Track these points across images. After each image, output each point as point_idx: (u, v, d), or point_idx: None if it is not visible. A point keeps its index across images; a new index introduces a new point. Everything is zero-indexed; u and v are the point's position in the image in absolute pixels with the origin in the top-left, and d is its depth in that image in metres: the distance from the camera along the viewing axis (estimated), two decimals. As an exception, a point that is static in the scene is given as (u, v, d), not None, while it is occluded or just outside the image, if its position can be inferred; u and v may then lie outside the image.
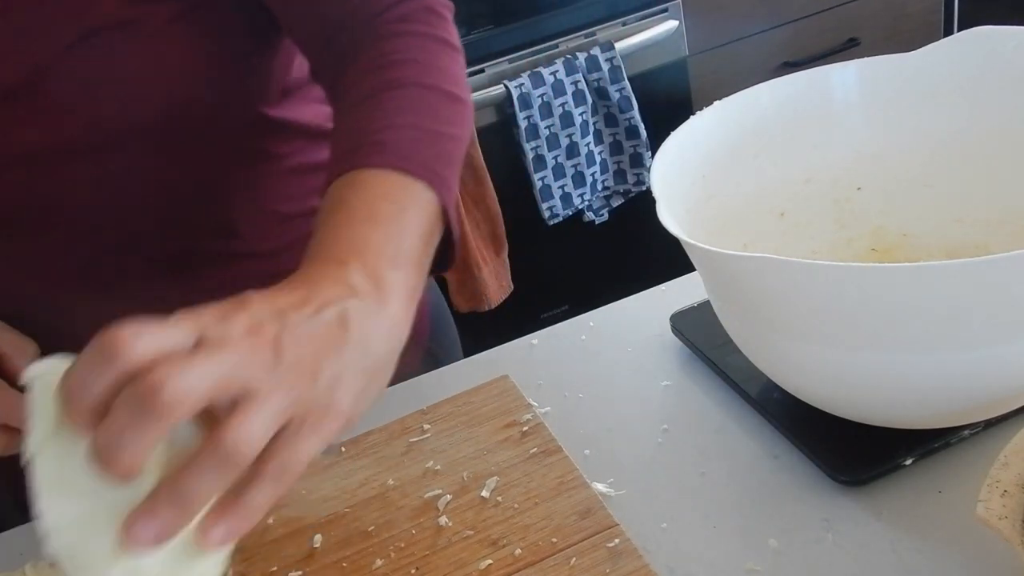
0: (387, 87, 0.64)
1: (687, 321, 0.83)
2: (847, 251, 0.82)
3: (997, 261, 0.53)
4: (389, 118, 0.62)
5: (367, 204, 0.57)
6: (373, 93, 0.64)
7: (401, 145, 0.60)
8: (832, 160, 0.81)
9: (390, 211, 0.57)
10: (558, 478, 0.70)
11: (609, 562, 0.63)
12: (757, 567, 0.62)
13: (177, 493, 0.42)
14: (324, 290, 0.49)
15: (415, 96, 0.64)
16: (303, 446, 0.45)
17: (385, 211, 0.56)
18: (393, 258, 0.54)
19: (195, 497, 0.42)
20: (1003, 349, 0.59)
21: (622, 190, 1.95)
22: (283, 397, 0.44)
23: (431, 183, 0.59)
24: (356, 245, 0.54)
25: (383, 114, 0.63)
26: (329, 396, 0.47)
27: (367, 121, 0.63)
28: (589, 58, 1.80)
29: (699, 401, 0.78)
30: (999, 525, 0.52)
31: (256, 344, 0.44)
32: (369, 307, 0.51)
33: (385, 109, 0.63)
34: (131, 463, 0.41)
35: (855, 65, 0.80)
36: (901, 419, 0.66)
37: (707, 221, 0.74)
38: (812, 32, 2.08)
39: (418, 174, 0.59)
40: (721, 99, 0.78)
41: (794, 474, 0.69)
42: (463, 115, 0.67)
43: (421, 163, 0.60)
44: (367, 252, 0.53)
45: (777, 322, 0.64)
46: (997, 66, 0.75)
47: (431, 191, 0.59)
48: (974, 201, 0.79)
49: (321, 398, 0.46)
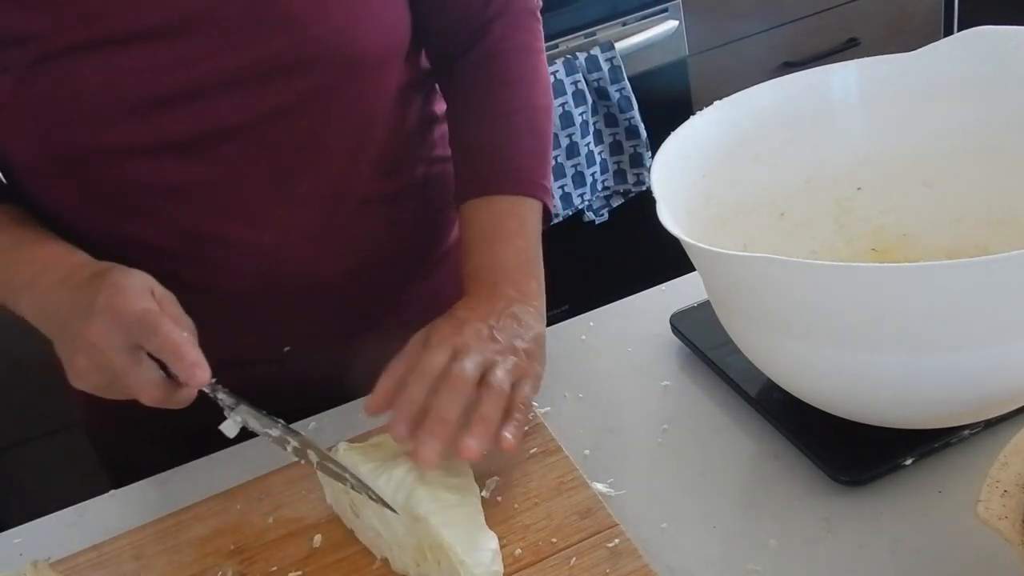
0: (505, 111, 0.84)
1: (687, 321, 0.83)
2: (847, 251, 0.82)
3: (997, 261, 0.53)
4: (510, 144, 0.83)
5: (499, 227, 0.81)
6: (494, 115, 0.85)
7: (522, 173, 0.83)
8: (832, 160, 0.81)
9: (516, 226, 0.81)
10: (558, 478, 0.70)
11: (609, 562, 0.63)
12: (757, 567, 0.62)
13: (436, 413, 0.65)
14: (496, 304, 0.74)
15: (529, 120, 0.85)
16: (504, 377, 0.69)
17: (514, 228, 0.81)
18: (526, 267, 0.79)
19: (448, 413, 0.65)
20: (1003, 349, 0.59)
21: (622, 190, 1.95)
22: (483, 352, 0.69)
23: (541, 196, 0.83)
24: (501, 266, 0.78)
25: (504, 139, 0.84)
26: (524, 359, 0.72)
27: (491, 147, 0.84)
28: (589, 58, 1.80)
29: (699, 401, 0.78)
30: (999, 525, 0.52)
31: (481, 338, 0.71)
32: (524, 308, 0.75)
33: (507, 134, 0.84)
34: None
35: (855, 65, 0.80)
36: (901, 419, 0.66)
37: (707, 221, 0.74)
38: (812, 32, 2.08)
39: (534, 194, 0.82)
40: (721, 99, 0.77)
41: (794, 474, 0.69)
42: (552, 118, 0.88)
43: (532, 182, 0.83)
44: (509, 271, 0.78)
45: (777, 322, 0.64)
46: (997, 66, 0.75)
47: (540, 200, 0.83)
48: (974, 201, 0.79)
49: (521, 362, 0.71)
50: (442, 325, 0.72)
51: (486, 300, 0.75)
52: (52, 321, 0.70)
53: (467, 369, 0.67)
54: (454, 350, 0.69)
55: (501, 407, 0.67)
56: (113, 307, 0.65)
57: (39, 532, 0.78)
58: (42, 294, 0.71)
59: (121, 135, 0.74)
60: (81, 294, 0.68)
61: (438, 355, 0.69)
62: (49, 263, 0.73)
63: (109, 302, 0.66)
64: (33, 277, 0.72)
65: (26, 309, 0.73)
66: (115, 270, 0.69)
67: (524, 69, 0.86)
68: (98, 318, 0.65)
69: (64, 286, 0.70)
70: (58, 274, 0.71)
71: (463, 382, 0.67)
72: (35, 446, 1.77)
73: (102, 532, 0.74)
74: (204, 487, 0.76)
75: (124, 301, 0.66)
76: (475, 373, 0.68)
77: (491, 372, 0.68)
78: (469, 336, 0.70)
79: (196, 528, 0.72)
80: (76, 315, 0.67)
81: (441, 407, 0.65)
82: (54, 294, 0.70)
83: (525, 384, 0.71)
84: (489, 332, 0.71)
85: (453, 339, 0.70)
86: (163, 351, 0.65)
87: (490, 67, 0.86)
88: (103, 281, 0.68)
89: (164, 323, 0.65)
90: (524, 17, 0.87)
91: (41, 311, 0.71)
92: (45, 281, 0.72)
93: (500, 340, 0.71)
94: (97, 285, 0.68)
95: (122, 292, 0.66)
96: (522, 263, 0.79)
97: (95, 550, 0.72)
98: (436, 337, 0.70)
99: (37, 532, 0.78)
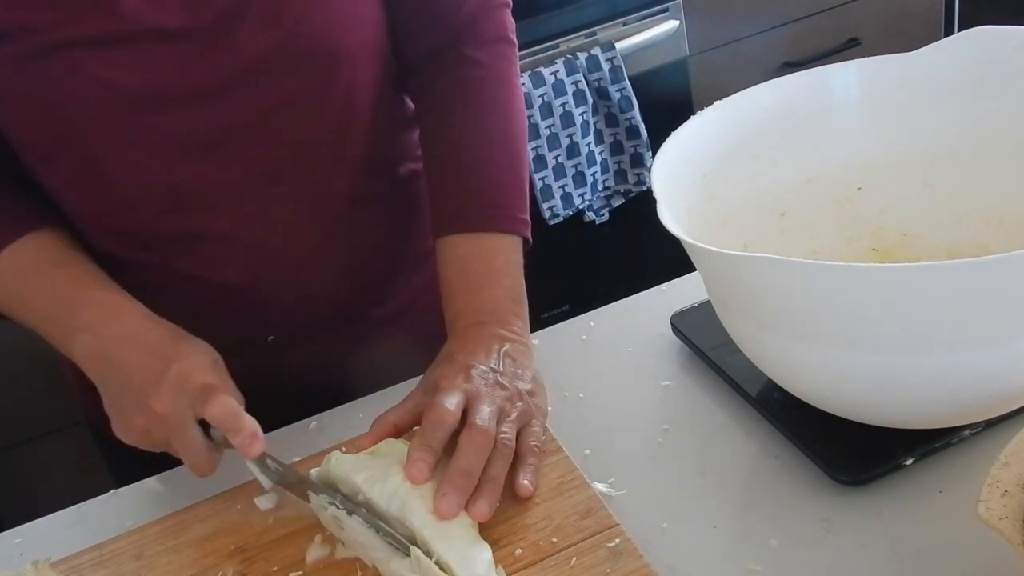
0: (482, 143, 0.84)
1: (687, 321, 0.83)
2: (847, 251, 0.82)
3: (997, 261, 0.53)
4: (489, 179, 0.83)
5: (485, 265, 0.81)
6: (471, 147, 0.84)
7: (502, 209, 0.83)
8: (832, 160, 0.81)
9: (501, 265, 0.81)
10: (558, 478, 0.70)
11: (609, 562, 0.63)
12: (757, 567, 0.62)
13: (460, 470, 0.66)
14: (491, 345, 0.76)
15: (507, 152, 0.85)
16: (511, 432, 0.70)
17: (499, 267, 0.81)
18: (511, 306, 0.79)
19: (472, 467, 0.66)
20: (1003, 349, 0.59)
21: (622, 190, 1.94)
22: (495, 400, 0.71)
23: (522, 231, 0.83)
24: (488, 307, 0.79)
25: (483, 174, 0.83)
26: (529, 401, 0.73)
27: (470, 181, 0.83)
28: (590, 58, 1.80)
29: (699, 401, 0.78)
30: (999, 525, 0.52)
31: (488, 386, 0.72)
32: (517, 347, 0.77)
33: (485, 168, 0.83)
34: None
35: (855, 65, 0.79)
36: (901, 419, 0.66)
37: (707, 221, 0.74)
38: (812, 32, 2.08)
39: (515, 230, 0.83)
40: (721, 99, 0.77)
41: (794, 474, 0.69)
42: (527, 141, 0.89)
43: (512, 218, 0.83)
44: (497, 311, 0.78)
45: (777, 322, 0.64)
46: (997, 66, 0.75)
47: (521, 236, 0.83)
48: (974, 201, 0.79)
49: (527, 406, 0.73)
50: (446, 370, 0.73)
51: (477, 340, 0.76)
52: (113, 375, 0.73)
53: (487, 423, 0.69)
54: (466, 396, 0.70)
55: (508, 465, 0.69)
56: (183, 381, 0.70)
57: (39, 532, 0.78)
58: (105, 344, 0.73)
59: (112, 130, 0.75)
60: (152, 360, 0.71)
61: (453, 399, 0.70)
62: (112, 311, 0.75)
63: (180, 375, 0.70)
64: (94, 322, 0.75)
65: (80, 352, 0.74)
66: (185, 340, 0.73)
67: (501, 99, 0.86)
68: (167, 390, 0.69)
69: (131, 343, 0.73)
70: (122, 327, 0.74)
71: (486, 437, 0.68)
72: (35, 446, 1.77)
73: (102, 532, 0.74)
74: (204, 487, 0.76)
75: (194, 375, 0.70)
76: (493, 425, 0.69)
77: (499, 427, 0.70)
78: (478, 383, 0.72)
79: (196, 528, 0.72)
80: (145, 380, 0.70)
81: (466, 462, 0.67)
82: (120, 348, 0.73)
83: (533, 427, 0.72)
84: (495, 377, 0.73)
85: (464, 386, 0.71)
86: (224, 423, 0.69)
87: (466, 97, 0.86)
88: (175, 351, 0.72)
89: (225, 397, 0.69)
90: (499, 43, 0.87)
91: (102, 359, 0.74)
92: (109, 332, 0.74)
93: (507, 385, 0.73)
94: (169, 355, 0.71)
95: (193, 367, 0.71)
96: (509, 302, 0.80)
97: (96, 550, 0.72)
98: (446, 383, 0.72)
99: (37, 532, 0.78)
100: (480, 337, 0.77)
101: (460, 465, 0.66)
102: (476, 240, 0.82)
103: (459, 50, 0.85)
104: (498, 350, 0.75)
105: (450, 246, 0.83)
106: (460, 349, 0.76)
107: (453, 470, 0.66)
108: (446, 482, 0.65)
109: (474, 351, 0.75)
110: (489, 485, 0.67)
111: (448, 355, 0.76)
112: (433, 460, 0.67)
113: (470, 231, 0.82)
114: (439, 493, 0.65)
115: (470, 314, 0.79)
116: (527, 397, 0.74)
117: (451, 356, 0.75)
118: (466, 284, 0.81)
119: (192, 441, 0.70)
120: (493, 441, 0.68)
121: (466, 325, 0.78)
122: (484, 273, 0.81)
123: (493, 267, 0.81)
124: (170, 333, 0.74)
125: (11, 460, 1.77)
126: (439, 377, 0.73)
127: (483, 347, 0.75)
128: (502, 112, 0.86)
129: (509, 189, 0.84)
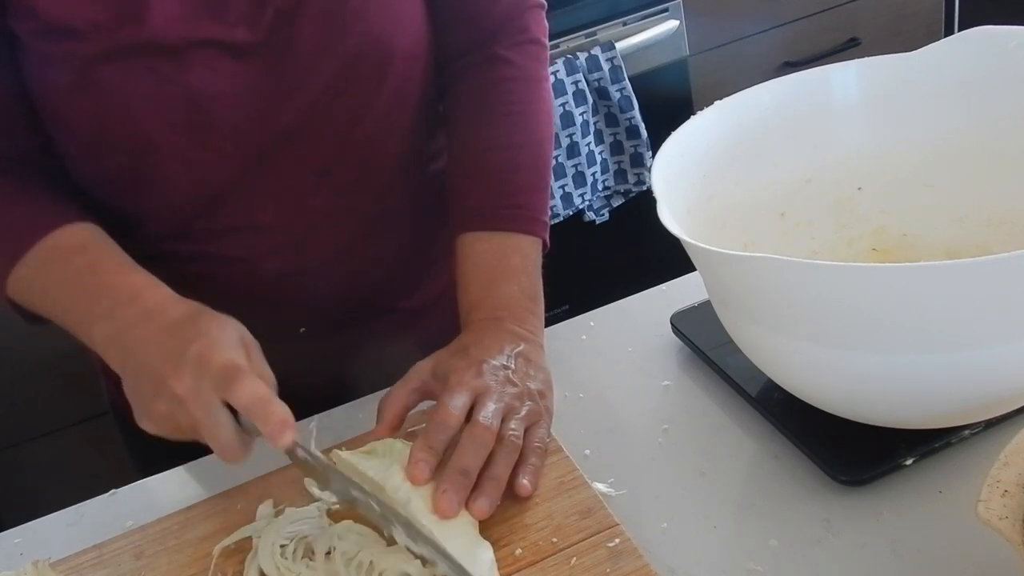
0: (509, 144, 0.85)
1: (687, 321, 0.83)
2: (847, 251, 0.82)
3: (997, 261, 0.53)
4: (513, 179, 0.84)
5: (503, 262, 0.81)
6: (498, 147, 0.85)
7: (524, 210, 0.83)
8: (832, 160, 0.81)
9: (519, 264, 0.81)
10: (558, 478, 0.70)
11: (609, 562, 0.63)
12: (757, 567, 0.62)
13: (459, 467, 0.66)
14: (505, 341, 0.75)
15: (532, 154, 0.85)
16: (518, 429, 0.70)
17: (518, 265, 0.81)
18: (528, 304, 0.80)
19: (470, 466, 0.66)
20: (1003, 349, 0.59)
21: (622, 190, 1.94)
22: (503, 397, 0.71)
23: (541, 233, 0.84)
24: (505, 302, 0.79)
25: (508, 174, 0.84)
26: (537, 400, 0.73)
27: (494, 180, 0.84)
28: (590, 58, 1.80)
29: (699, 401, 0.78)
30: (1000, 525, 0.52)
31: (499, 381, 0.72)
32: (532, 347, 0.77)
33: (510, 169, 0.84)
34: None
35: (855, 65, 0.80)
36: (901, 419, 0.66)
37: (707, 221, 0.74)
38: (812, 32, 2.08)
39: (535, 231, 0.83)
40: (721, 99, 0.78)
41: (794, 474, 0.69)
42: (553, 146, 0.89)
43: (534, 219, 0.83)
44: (512, 307, 0.79)
45: (777, 322, 0.64)
46: (997, 66, 0.75)
47: (540, 237, 0.84)
48: (974, 201, 0.79)
49: (535, 406, 0.72)
50: (458, 364, 0.73)
51: (493, 336, 0.76)
52: (131, 358, 0.68)
53: (490, 420, 0.68)
54: (475, 393, 0.70)
55: (512, 463, 0.69)
56: (204, 360, 0.64)
57: (39, 532, 0.78)
58: (124, 328, 0.69)
59: (172, 130, 0.75)
60: (170, 340, 0.66)
61: (459, 399, 0.69)
62: (131, 294, 0.71)
63: (200, 354, 0.64)
64: (112, 307, 0.70)
65: (100, 339, 0.70)
66: (206, 316, 0.68)
67: (530, 100, 0.87)
68: (188, 371, 0.64)
69: (149, 324, 0.68)
70: (141, 308, 0.69)
71: (487, 434, 0.68)
72: (35, 446, 1.77)
73: (102, 532, 0.74)
74: (205, 487, 0.76)
75: (216, 354, 0.64)
76: (497, 423, 0.69)
77: (506, 423, 0.69)
78: (489, 379, 0.71)
79: (197, 528, 0.72)
80: (164, 360, 0.65)
81: (464, 460, 0.66)
82: (138, 330, 0.68)
83: (540, 428, 0.72)
84: (506, 375, 0.72)
85: (473, 383, 0.71)
86: (251, 409, 0.63)
87: (495, 97, 0.86)
88: (195, 329, 0.66)
89: (252, 379, 0.63)
90: (531, 44, 0.87)
91: (120, 344, 0.69)
92: (127, 314, 0.69)
93: (517, 384, 0.73)
94: (188, 333, 0.66)
95: (215, 345, 0.65)
96: (525, 300, 0.80)
97: (96, 550, 0.72)
98: (455, 378, 0.71)
99: (37, 532, 0.78)
100: (496, 332, 0.76)
101: (458, 463, 0.66)
102: (496, 238, 0.82)
103: (492, 49, 0.86)
104: (512, 348, 0.75)
105: (469, 241, 0.83)
106: (475, 343, 0.75)
107: (452, 467, 0.66)
108: (445, 479, 0.65)
109: (488, 347, 0.74)
110: (490, 483, 0.67)
111: (462, 348, 0.75)
112: (435, 461, 0.66)
113: (491, 229, 0.82)
114: (439, 491, 0.65)
115: (486, 308, 0.79)
116: (537, 397, 0.73)
117: (465, 349, 0.75)
118: (483, 279, 0.81)
119: (219, 425, 0.63)
120: (495, 438, 0.68)
121: (482, 319, 0.78)
122: (502, 269, 0.81)
123: (511, 264, 0.81)
124: (190, 311, 0.69)
125: (11, 460, 1.77)
126: (450, 370, 0.72)
127: (497, 344, 0.75)
128: (531, 113, 0.86)
129: (533, 191, 0.84)
